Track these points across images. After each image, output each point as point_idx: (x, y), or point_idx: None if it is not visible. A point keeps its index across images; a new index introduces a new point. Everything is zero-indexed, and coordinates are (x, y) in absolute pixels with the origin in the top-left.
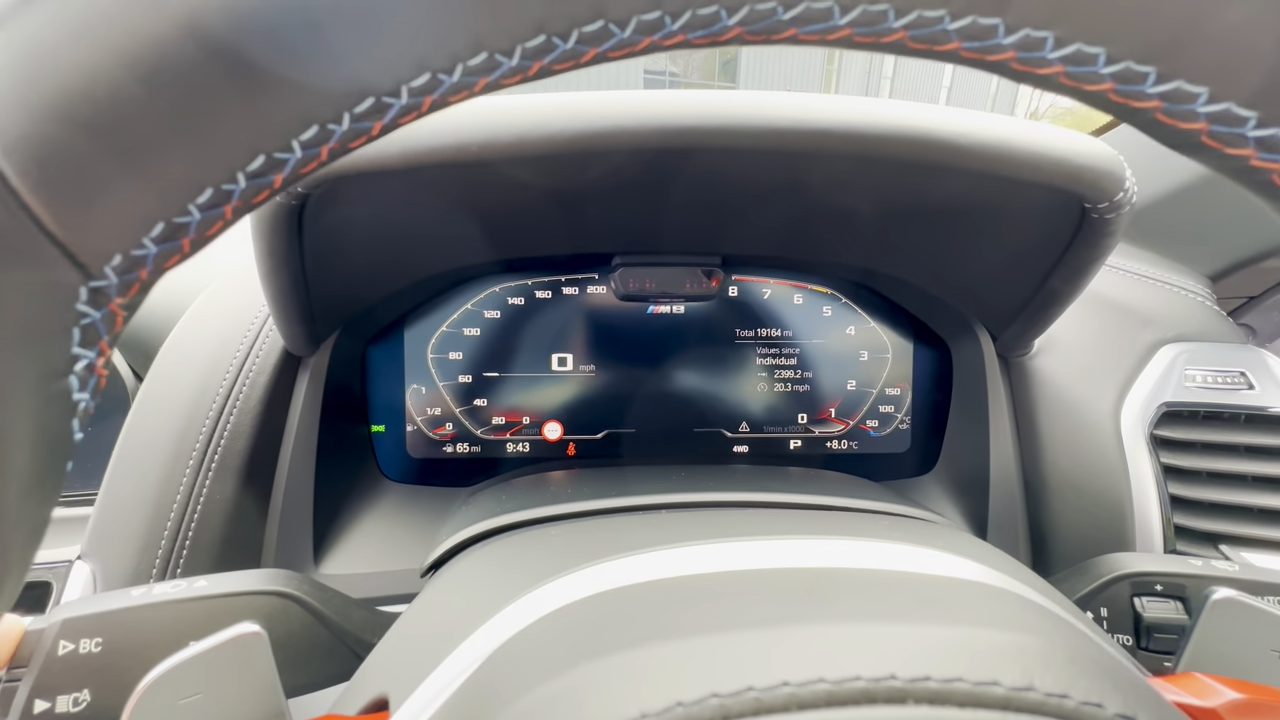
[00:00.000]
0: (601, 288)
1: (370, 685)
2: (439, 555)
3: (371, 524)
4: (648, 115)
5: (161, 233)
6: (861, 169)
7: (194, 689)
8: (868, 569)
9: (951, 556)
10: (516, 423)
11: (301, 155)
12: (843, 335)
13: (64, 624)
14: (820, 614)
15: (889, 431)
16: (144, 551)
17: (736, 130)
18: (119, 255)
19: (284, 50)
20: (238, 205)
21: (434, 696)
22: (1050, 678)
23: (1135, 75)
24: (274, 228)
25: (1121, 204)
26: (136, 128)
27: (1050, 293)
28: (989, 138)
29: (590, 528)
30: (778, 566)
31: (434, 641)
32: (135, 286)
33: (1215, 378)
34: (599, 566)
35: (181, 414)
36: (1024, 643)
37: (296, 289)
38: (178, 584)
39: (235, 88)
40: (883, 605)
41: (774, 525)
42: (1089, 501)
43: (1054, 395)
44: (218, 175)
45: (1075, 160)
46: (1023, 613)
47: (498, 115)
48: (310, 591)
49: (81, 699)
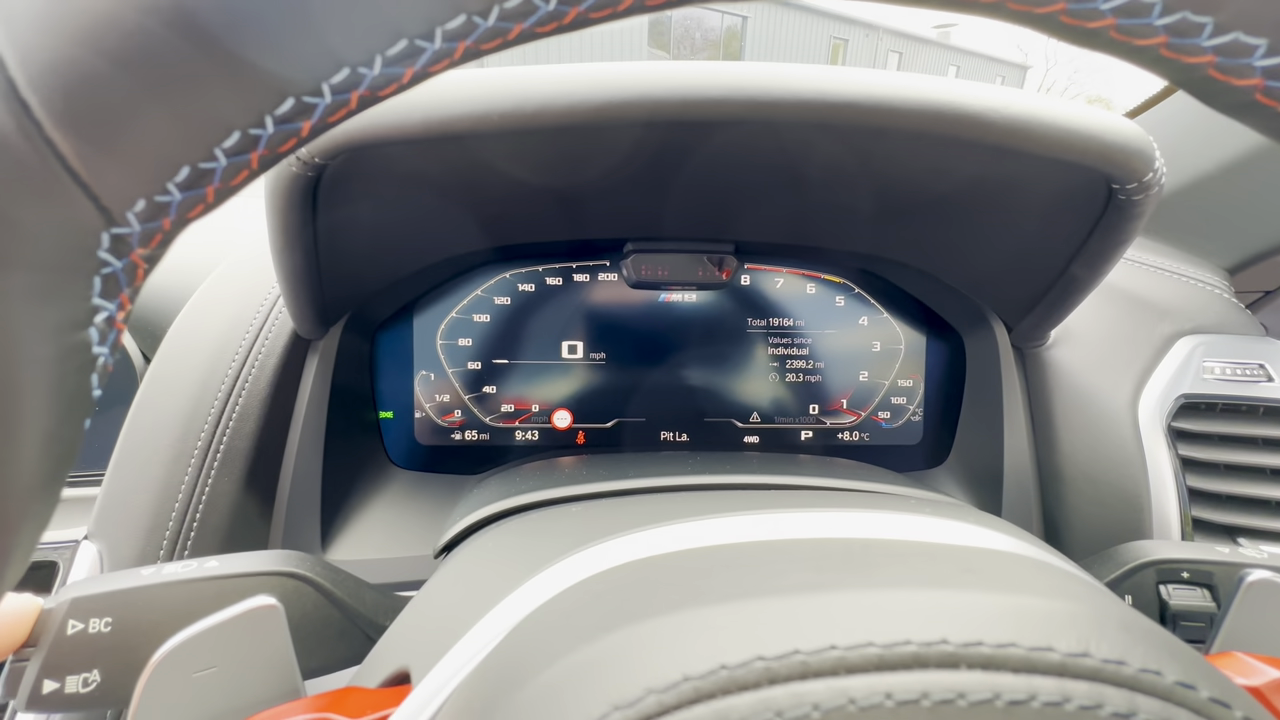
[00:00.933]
0: (613, 275)
1: (390, 658)
2: (454, 535)
3: (379, 510)
4: (673, 85)
5: (186, 178)
6: (883, 145)
7: (208, 662)
8: (905, 539)
9: (989, 531)
10: (526, 410)
11: (331, 100)
12: (855, 326)
13: (73, 603)
14: (863, 581)
15: (901, 423)
16: (151, 533)
17: (762, 101)
18: (142, 200)
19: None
20: (264, 154)
21: (458, 668)
22: (1106, 644)
23: (1191, 27)
24: (290, 201)
25: (1151, 185)
26: (165, 61)
27: (1071, 280)
28: (1018, 112)
29: (612, 506)
30: (810, 537)
31: (455, 614)
32: (158, 237)
33: (1234, 370)
34: (627, 538)
35: (189, 395)
36: (1076, 610)
37: (309, 269)
38: (188, 564)
39: (267, 25)
40: (927, 572)
41: (799, 503)
42: (1105, 494)
43: (1070, 387)
44: (246, 118)
45: (1106, 137)
46: (1069, 583)
47: (519, 85)
48: (322, 573)
49: (91, 679)
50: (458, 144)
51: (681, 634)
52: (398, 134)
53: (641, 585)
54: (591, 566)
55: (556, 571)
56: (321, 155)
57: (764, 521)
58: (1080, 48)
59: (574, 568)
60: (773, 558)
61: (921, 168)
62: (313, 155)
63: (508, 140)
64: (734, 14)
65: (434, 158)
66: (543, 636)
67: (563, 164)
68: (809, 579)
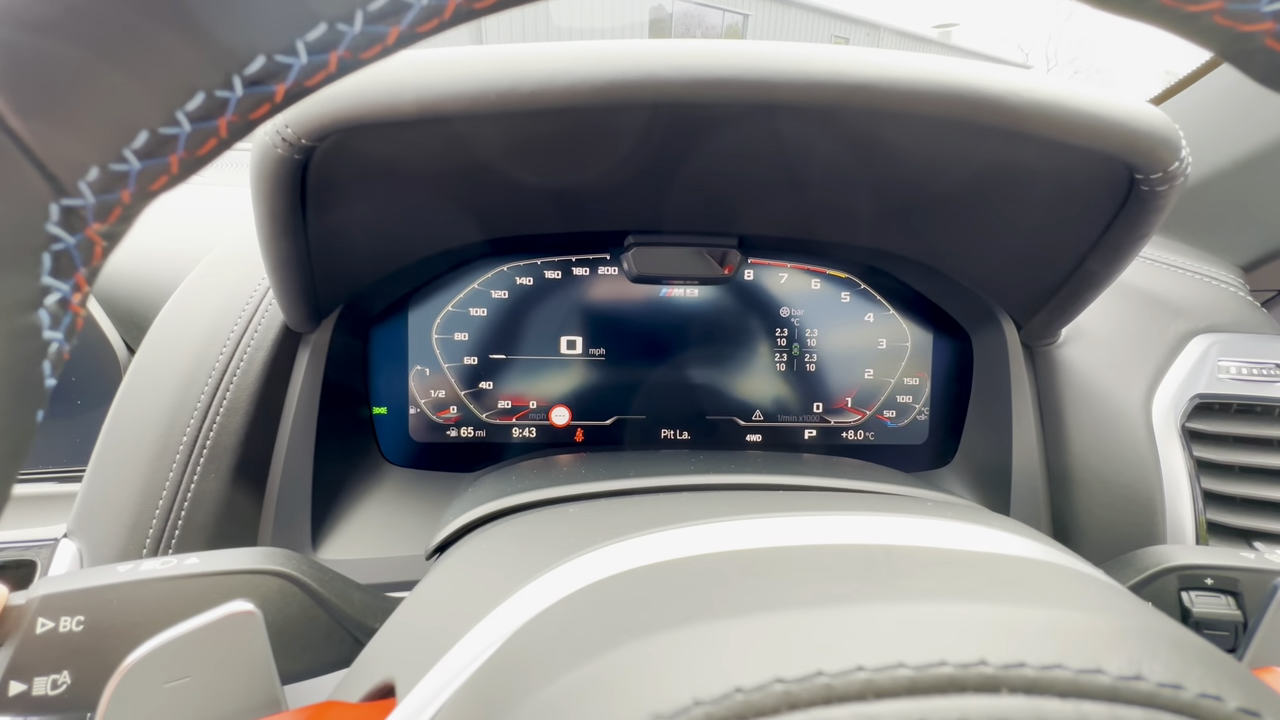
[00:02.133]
0: (613, 268)
1: (374, 670)
2: (446, 535)
3: (372, 508)
4: (682, 64)
5: (145, 145)
6: (897, 130)
7: (181, 671)
8: (930, 546)
9: (1014, 536)
10: (523, 407)
11: (308, 61)
12: (861, 323)
13: (43, 600)
14: (889, 592)
15: (906, 422)
16: (133, 530)
17: (776, 83)
18: (95, 168)
19: None
20: (233, 120)
21: (446, 683)
22: (1160, 666)
23: None
24: (277, 186)
25: (1176, 175)
26: (111, 12)
27: (1086, 276)
28: (1042, 96)
29: (613, 506)
30: (827, 543)
31: (445, 623)
32: (116, 211)
33: (1250, 369)
34: (629, 542)
35: (175, 388)
36: (1123, 626)
37: (299, 258)
38: (167, 560)
39: None
40: (957, 583)
41: (812, 505)
42: (1117, 495)
43: (1081, 386)
44: (210, 78)
45: (1132, 124)
46: (1109, 594)
47: (518, 62)
48: (309, 572)
49: (61, 681)
50: (453, 128)
51: (691, 652)
52: (389, 114)
53: (646, 595)
54: (591, 573)
55: (553, 578)
56: (309, 136)
57: (776, 525)
58: (1125, 17)
59: (572, 575)
60: (788, 565)
61: (934, 155)
62: (299, 137)
63: (505, 123)
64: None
65: (429, 142)
66: (538, 651)
67: (562, 151)
68: (830, 589)
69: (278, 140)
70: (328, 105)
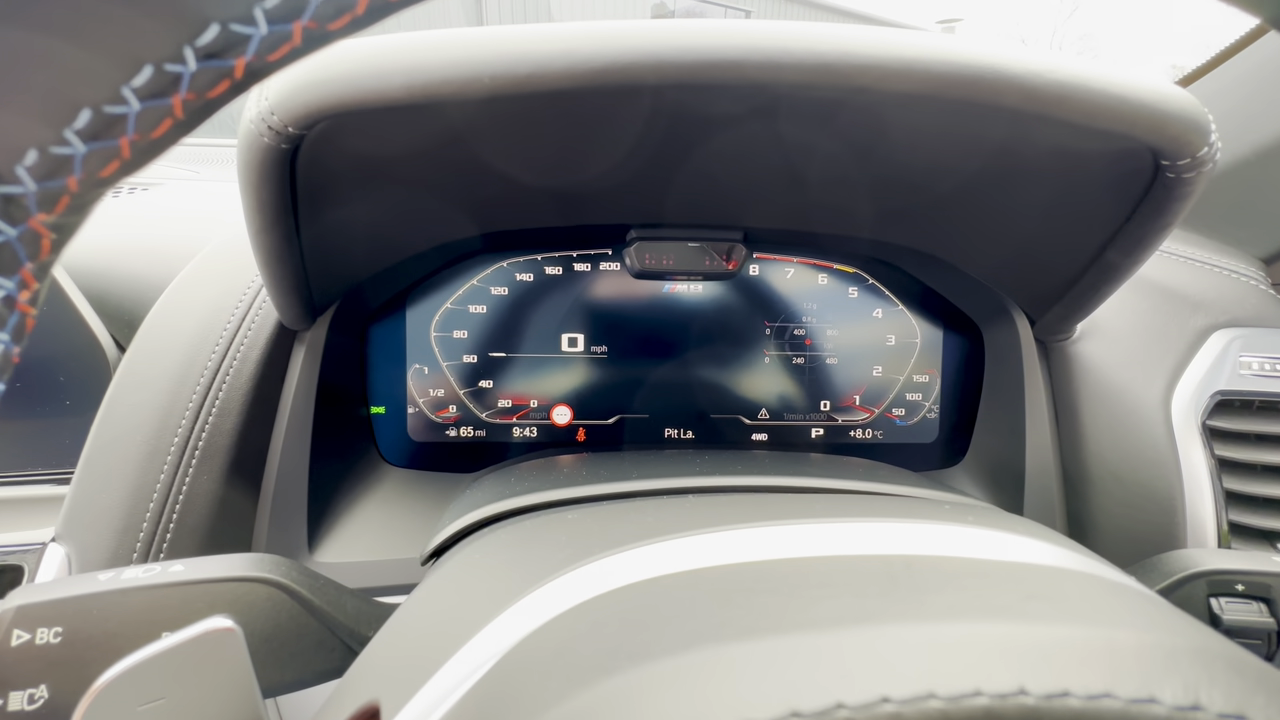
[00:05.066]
0: (615, 264)
1: (359, 691)
2: (441, 541)
3: (369, 510)
4: (688, 44)
5: (89, 125)
6: (908, 115)
7: (156, 692)
8: (953, 555)
9: (1044, 543)
10: (524, 406)
11: (269, 32)
12: (869, 319)
13: (18, 611)
14: (913, 610)
15: (916, 420)
16: (123, 534)
17: (785, 64)
18: (33, 151)
19: None
20: (189, 98)
21: (433, 706)
22: (1219, 694)
23: None
24: (265, 177)
25: (1204, 161)
26: None
27: (1105, 268)
28: (1065, 77)
29: (615, 511)
30: (842, 553)
31: (434, 640)
32: (63, 200)
33: (1272, 365)
34: (631, 552)
35: (166, 388)
36: (1173, 646)
37: (290, 252)
38: (151, 568)
39: None
40: (988, 599)
41: (825, 509)
42: (1135, 494)
43: (1097, 382)
44: (158, 50)
45: (1160, 107)
46: (1155, 610)
47: (512, 44)
48: (299, 579)
49: (38, 695)
50: (447, 118)
51: (697, 680)
52: (377, 99)
53: (648, 614)
54: (590, 587)
55: (547, 594)
56: (296, 124)
57: (784, 534)
58: None
59: (567, 590)
60: (800, 581)
61: (948, 140)
62: (286, 124)
63: (501, 113)
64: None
65: (421, 131)
66: (531, 676)
67: (561, 145)
68: (848, 608)
69: (264, 129)
70: (314, 91)
